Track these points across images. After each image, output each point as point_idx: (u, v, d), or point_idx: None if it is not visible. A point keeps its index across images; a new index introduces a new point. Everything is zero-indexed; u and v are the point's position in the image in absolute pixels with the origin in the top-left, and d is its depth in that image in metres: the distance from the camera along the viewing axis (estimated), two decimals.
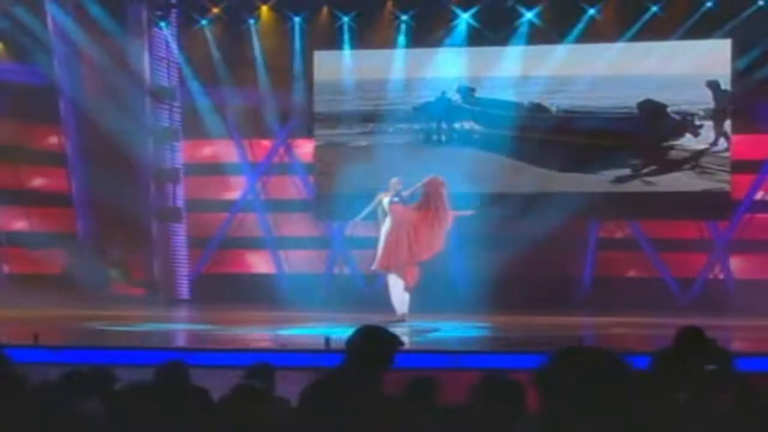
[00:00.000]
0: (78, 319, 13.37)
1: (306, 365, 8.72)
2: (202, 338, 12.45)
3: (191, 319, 14.54)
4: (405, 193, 13.44)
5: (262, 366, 5.74)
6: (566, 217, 15.82)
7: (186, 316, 14.92)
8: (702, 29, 15.89)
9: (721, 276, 16.34)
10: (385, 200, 13.44)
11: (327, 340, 9.80)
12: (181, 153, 17.67)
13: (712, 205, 16.15)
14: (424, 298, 13.61)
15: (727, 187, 16.06)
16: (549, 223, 15.56)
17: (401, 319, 13.06)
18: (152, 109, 17.17)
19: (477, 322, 13.61)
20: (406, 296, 13.36)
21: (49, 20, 16.43)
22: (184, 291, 17.52)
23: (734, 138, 16.07)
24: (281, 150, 17.62)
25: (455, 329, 13.13)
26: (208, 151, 17.65)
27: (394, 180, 13.57)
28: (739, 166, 16.09)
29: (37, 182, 17.12)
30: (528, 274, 15.88)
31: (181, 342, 12.62)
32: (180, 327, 14.32)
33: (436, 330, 13.01)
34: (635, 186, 16.31)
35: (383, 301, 13.52)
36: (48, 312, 13.61)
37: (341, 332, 12.13)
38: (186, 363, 5.39)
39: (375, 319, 13.17)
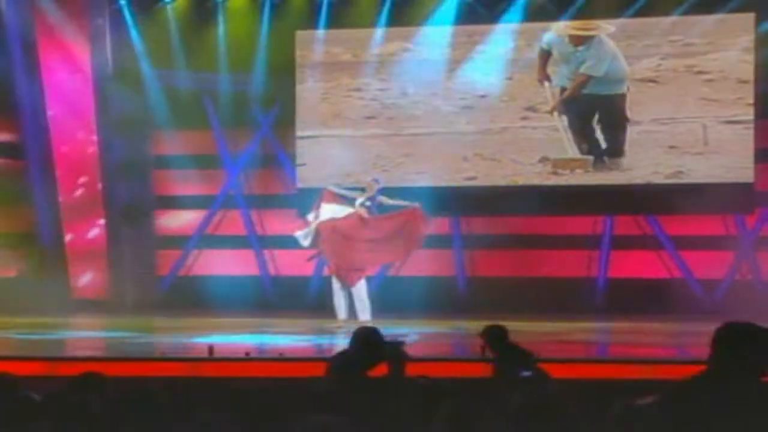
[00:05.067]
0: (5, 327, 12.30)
1: None
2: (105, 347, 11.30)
3: (133, 326, 13.17)
4: (380, 199, 13.15)
5: (92, 376, 5.26)
6: (577, 212, 15.14)
7: (135, 322, 13.55)
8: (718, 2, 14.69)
9: (749, 276, 15.04)
10: (358, 200, 13.19)
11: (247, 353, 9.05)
12: (151, 144, 16.34)
13: (734, 198, 14.84)
14: (426, 301, 13.36)
15: (750, 177, 14.76)
16: (558, 219, 15.01)
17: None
18: (117, 96, 15.77)
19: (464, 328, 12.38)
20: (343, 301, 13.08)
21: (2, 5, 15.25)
22: (155, 295, 16.12)
23: (759, 124, 14.78)
24: (264, 141, 16.25)
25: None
26: (181, 142, 16.18)
27: (370, 180, 13.47)
28: (764, 155, 14.77)
29: None
30: (536, 276, 15.12)
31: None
32: (98, 335, 12.82)
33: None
34: (652, 178, 15.05)
35: (379, 306, 13.11)
36: None
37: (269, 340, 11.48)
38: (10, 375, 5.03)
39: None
